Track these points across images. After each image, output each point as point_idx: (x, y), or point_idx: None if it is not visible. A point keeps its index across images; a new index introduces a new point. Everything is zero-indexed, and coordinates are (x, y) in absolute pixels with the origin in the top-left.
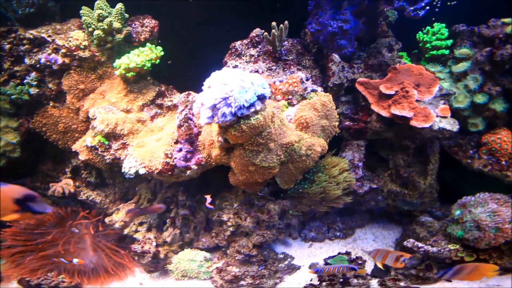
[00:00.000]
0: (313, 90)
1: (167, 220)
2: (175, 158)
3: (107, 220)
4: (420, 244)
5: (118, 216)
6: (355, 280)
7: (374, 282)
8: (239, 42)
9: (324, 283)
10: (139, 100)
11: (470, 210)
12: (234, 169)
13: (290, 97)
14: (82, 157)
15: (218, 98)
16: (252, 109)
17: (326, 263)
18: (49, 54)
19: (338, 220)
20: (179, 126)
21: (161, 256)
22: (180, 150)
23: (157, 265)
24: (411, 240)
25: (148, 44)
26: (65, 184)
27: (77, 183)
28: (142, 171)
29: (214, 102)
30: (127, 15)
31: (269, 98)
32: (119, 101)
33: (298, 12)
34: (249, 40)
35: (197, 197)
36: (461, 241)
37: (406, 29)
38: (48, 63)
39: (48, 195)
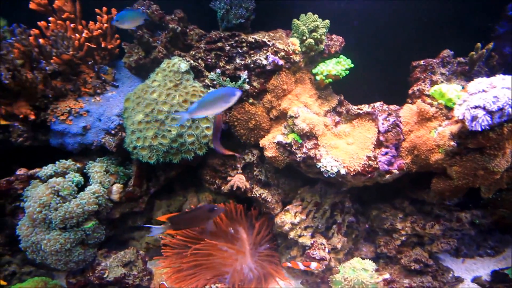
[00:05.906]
0: None
1: (334, 226)
2: (379, 161)
3: (278, 220)
4: None
5: (287, 218)
6: None
7: None
8: (424, 61)
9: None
10: (325, 106)
11: None
12: (453, 174)
13: None
14: (270, 153)
15: (503, 101)
16: None
17: (500, 273)
18: (271, 55)
19: (489, 238)
20: (387, 131)
21: (332, 264)
22: (386, 153)
23: (324, 275)
24: None
25: (342, 56)
26: (240, 180)
27: None
28: (343, 171)
29: (499, 104)
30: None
31: None
32: (312, 104)
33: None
34: (440, 60)
35: (355, 206)
36: None
37: None
38: (271, 63)
39: (222, 190)
